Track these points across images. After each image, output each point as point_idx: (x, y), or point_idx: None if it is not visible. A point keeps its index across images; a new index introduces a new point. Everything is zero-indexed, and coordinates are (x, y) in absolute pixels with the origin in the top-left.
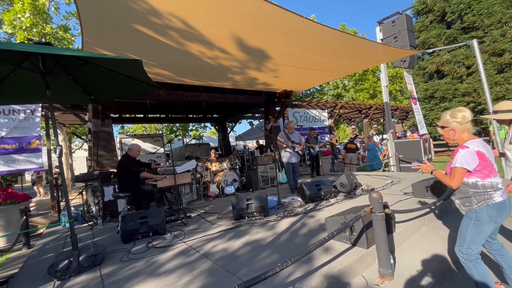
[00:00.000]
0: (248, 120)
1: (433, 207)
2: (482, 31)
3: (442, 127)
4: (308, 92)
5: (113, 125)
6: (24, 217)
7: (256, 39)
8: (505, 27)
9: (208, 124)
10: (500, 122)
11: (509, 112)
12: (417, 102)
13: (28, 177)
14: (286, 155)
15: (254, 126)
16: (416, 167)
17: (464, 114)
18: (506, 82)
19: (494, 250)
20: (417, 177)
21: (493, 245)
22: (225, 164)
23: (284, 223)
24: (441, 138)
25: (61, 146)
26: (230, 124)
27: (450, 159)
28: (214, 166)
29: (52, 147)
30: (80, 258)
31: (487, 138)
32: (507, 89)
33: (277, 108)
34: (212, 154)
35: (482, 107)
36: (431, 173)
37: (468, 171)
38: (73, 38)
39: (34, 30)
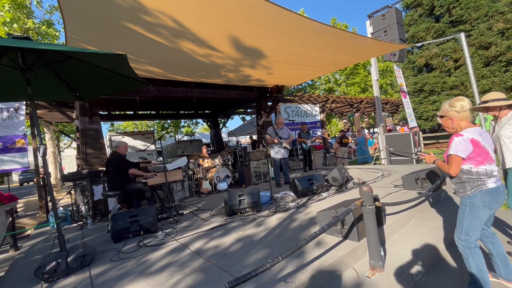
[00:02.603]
0: (241, 116)
1: (422, 198)
2: (469, 25)
3: (441, 116)
4: (300, 86)
5: (102, 122)
6: (10, 218)
7: (249, 37)
8: (491, 20)
9: (200, 120)
10: (487, 110)
11: (497, 100)
12: (407, 96)
13: (15, 177)
14: (273, 151)
15: (246, 122)
16: (422, 157)
17: (462, 103)
18: (492, 75)
19: (486, 238)
20: (407, 170)
21: (486, 232)
22: (217, 160)
23: (277, 218)
24: (442, 127)
25: (44, 145)
26: (222, 120)
27: (438, 151)
28: (206, 163)
29: (37, 146)
30: (69, 259)
31: None
32: (493, 82)
33: (269, 103)
34: (204, 150)
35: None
36: (434, 162)
37: (462, 158)
38: (57, 34)
39: (15, 25)
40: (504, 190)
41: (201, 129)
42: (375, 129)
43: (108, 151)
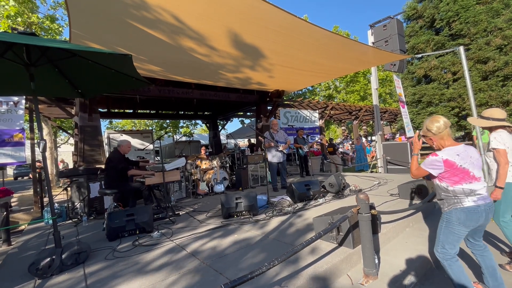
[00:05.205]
0: (240, 119)
1: (417, 208)
2: (468, 39)
3: (424, 136)
4: (300, 92)
5: (101, 120)
6: (5, 213)
7: (250, 36)
8: (490, 36)
9: (199, 122)
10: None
11: (490, 119)
12: (405, 106)
13: (10, 171)
14: (270, 155)
15: (245, 125)
16: (412, 139)
17: (437, 124)
18: (489, 89)
19: (477, 250)
20: (403, 179)
21: (476, 246)
22: (215, 162)
23: (273, 223)
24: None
25: (45, 140)
26: (221, 122)
27: None
28: (204, 164)
29: (36, 141)
30: (63, 256)
31: (470, 142)
32: (490, 95)
33: (268, 108)
34: (203, 152)
35: (466, 113)
36: (413, 153)
37: (432, 175)
38: (60, 29)
39: (19, 19)
40: (487, 209)
41: (200, 130)
42: (373, 137)
43: (106, 148)
